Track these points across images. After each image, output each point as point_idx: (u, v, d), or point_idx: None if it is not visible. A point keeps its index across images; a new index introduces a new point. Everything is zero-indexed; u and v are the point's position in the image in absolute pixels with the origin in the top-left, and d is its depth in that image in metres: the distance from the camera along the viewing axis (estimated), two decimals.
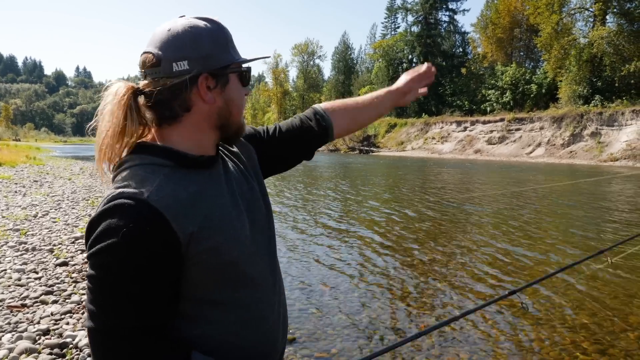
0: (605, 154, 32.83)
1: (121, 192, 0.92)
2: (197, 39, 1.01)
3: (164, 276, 0.93)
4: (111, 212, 0.90)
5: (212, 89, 1.03)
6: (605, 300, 4.66)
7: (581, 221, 9.29)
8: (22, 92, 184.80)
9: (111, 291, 0.90)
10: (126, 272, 0.89)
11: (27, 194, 11.09)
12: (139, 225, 0.89)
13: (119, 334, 0.90)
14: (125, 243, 0.88)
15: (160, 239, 0.91)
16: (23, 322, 3.67)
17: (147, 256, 0.90)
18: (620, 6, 39.68)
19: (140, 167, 0.99)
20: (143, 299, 0.91)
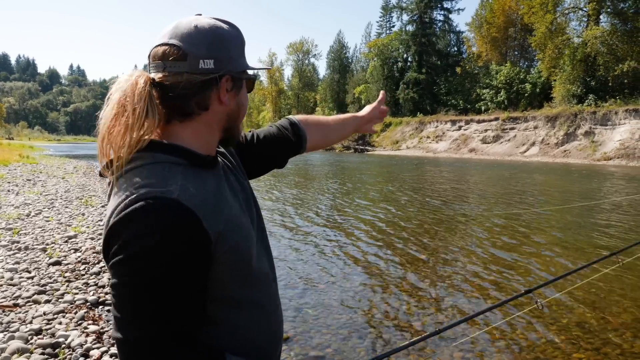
0: (599, 153, 33.02)
1: (148, 191, 0.87)
2: (224, 41, 1.01)
3: (198, 278, 0.91)
4: (141, 214, 0.85)
5: (229, 91, 1.03)
6: (619, 301, 4.67)
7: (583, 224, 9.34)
8: (15, 90, 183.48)
9: (149, 297, 0.85)
10: (164, 276, 0.85)
11: (20, 193, 11.02)
12: (175, 226, 0.86)
13: (158, 342, 0.86)
14: (162, 245, 0.84)
15: (195, 239, 0.88)
16: (15, 321, 3.64)
17: (185, 258, 0.87)
18: (614, 6, 39.93)
19: (157, 165, 0.94)
20: (181, 303, 0.87)
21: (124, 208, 0.86)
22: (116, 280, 0.86)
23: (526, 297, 1.77)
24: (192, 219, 0.88)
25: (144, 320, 0.85)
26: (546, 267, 5.95)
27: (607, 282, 5.15)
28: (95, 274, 4.96)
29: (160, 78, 0.97)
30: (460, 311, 4.42)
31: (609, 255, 1.83)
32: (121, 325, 0.86)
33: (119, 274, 0.86)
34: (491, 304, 4.53)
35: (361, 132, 1.69)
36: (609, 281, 5.18)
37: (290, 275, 5.57)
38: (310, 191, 14.63)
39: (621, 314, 4.31)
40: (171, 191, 0.88)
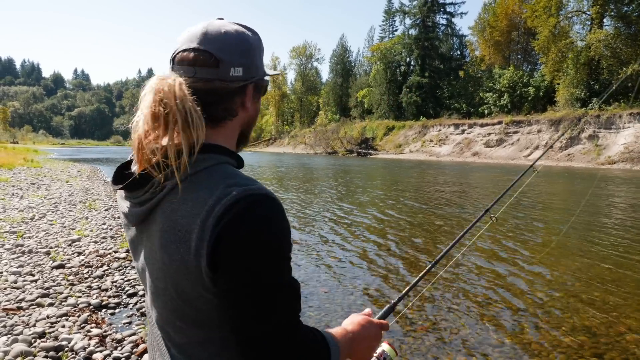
0: (603, 156, 32.90)
1: (246, 188, 0.88)
2: (252, 49, 1.02)
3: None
4: (258, 207, 0.86)
5: (252, 98, 1.05)
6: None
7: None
8: (20, 94, 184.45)
9: (282, 286, 0.89)
10: (288, 265, 0.91)
11: (24, 197, 11.06)
12: (284, 215, 0.91)
13: (296, 324, 0.92)
14: (287, 231, 0.90)
15: (290, 236, 0.94)
16: (19, 324, 3.65)
17: (290, 254, 0.93)
18: (617, 9, 39.89)
19: (226, 167, 0.96)
20: (297, 289, 0.93)
21: (232, 205, 0.85)
22: (242, 279, 0.85)
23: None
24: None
25: (282, 308, 0.89)
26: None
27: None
28: (98, 277, 4.97)
29: (189, 83, 0.95)
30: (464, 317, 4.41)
31: (483, 214, 2.06)
32: (249, 322, 0.86)
33: (250, 268, 0.85)
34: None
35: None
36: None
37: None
38: (312, 195, 14.62)
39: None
40: (261, 187, 0.91)
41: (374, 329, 1.18)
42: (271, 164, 32.68)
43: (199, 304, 0.91)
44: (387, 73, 64.37)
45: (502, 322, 4.23)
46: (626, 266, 6.10)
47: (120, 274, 5.13)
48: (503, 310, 4.53)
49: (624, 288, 5.20)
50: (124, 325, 3.86)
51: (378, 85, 65.12)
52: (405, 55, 65.75)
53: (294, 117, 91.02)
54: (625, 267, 6.07)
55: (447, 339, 3.87)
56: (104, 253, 5.94)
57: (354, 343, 1.10)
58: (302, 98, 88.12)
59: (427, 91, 59.75)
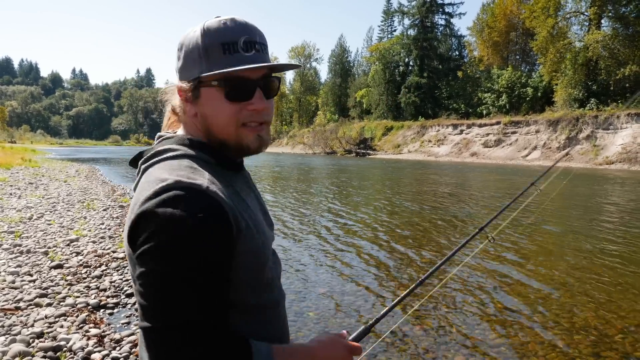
0: (601, 157, 32.97)
1: (179, 180, 0.89)
2: (180, 49, 1.03)
3: (224, 270, 0.90)
4: (173, 202, 0.86)
5: (190, 101, 1.03)
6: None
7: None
8: (17, 94, 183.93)
9: (181, 285, 0.85)
10: (195, 263, 0.85)
11: (22, 196, 11.04)
12: (206, 216, 0.87)
13: (189, 330, 0.85)
14: (194, 234, 0.85)
15: (222, 231, 0.89)
16: (17, 325, 3.64)
17: (213, 248, 0.87)
18: (615, 10, 39.97)
19: (186, 158, 0.99)
20: (210, 291, 0.87)
21: (154, 196, 0.87)
22: (145, 268, 0.86)
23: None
24: (221, 210, 0.89)
25: (175, 308, 0.85)
26: None
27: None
28: (96, 277, 4.97)
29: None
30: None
31: (479, 231, 1.82)
32: (151, 313, 0.86)
33: (149, 261, 0.85)
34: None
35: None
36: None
37: (290, 279, 5.57)
38: (311, 195, 14.62)
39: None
40: (200, 183, 0.90)
41: (341, 351, 1.06)
42: (268, 164, 32.66)
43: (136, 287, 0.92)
44: (386, 73, 64.38)
45: (498, 324, 4.24)
46: (625, 266, 6.12)
47: (118, 274, 5.13)
48: (500, 312, 4.54)
49: (622, 288, 5.22)
50: (123, 326, 3.86)
51: (377, 85, 65.13)
52: (404, 55, 65.76)
53: (292, 117, 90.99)
54: (625, 267, 6.09)
55: (437, 350, 3.87)
56: (102, 253, 5.94)
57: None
58: (300, 98, 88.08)
59: (426, 91, 59.77)
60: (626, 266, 6.12)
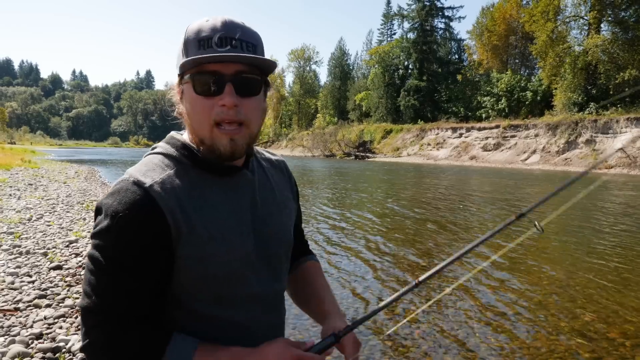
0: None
1: (129, 175, 0.97)
2: (183, 44, 1.03)
3: (150, 265, 0.94)
4: (113, 195, 0.95)
5: (180, 99, 1.04)
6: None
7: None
8: (18, 95, 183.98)
9: (99, 273, 0.92)
10: (115, 255, 0.92)
11: (22, 197, 11.03)
12: (134, 211, 0.91)
13: (101, 316, 0.92)
14: (118, 227, 0.91)
15: (152, 229, 0.92)
16: (16, 326, 3.64)
17: (138, 242, 0.92)
18: (614, 14, 40.09)
19: (158, 156, 1.04)
20: (126, 281, 0.92)
21: (112, 187, 0.99)
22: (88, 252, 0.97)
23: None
24: (153, 209, 0.92)
25: (94, 293, 0.92)
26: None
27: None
28: None
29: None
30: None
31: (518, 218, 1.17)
32: (82, 292, 0.96)
33: (90, 246, 0.97)
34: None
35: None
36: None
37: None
38: (310, 197, 14.62)
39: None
40: (147, 180, 0.95)
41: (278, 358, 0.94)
42: None
43: None
44: (385, 76, 64.49)
45: (497, 326, 4.24)
46: (626, 270, 6.12)
47: None
48: (498, 315, 4.54)
49: (622, 292, 5.22)
50: None
51: (376, 88, 65.21)
52: (404, 58, 65.87)
53: (291, 120, 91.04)
54: (625, 270, 6.09)
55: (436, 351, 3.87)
56: None
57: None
58: (300, 101, 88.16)
59: (425, 95, 59.87)
60: (629, 270, 6.12)
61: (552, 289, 5.39)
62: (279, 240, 1.15)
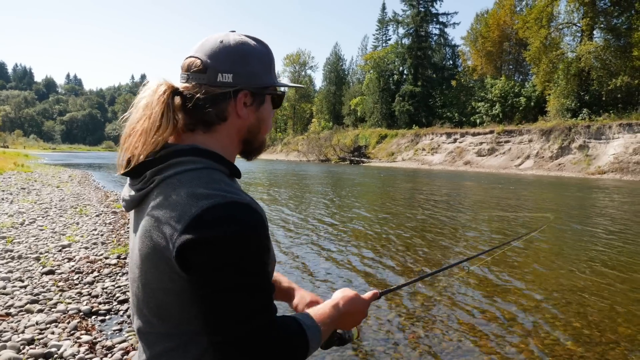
0: (593, 166, 33.24)
1: (225, 196, 0.93)
2: (246, 56, 1.05)
3: (271, 273, 1.05)
4: (231, 220, 0.90)
5: (248, 105, 1.07)
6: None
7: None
8: (11, 98, 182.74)
9: (254, 292, 0.92)
10: (261, 271, 0.94)
11: (14, 202, 10.96)
12: (261, 231, 0.94)
13: (269, 329, 0.94)
14: (257, 249, 0.93)
15: (269, 242, 0.98)
16: (7, 331, 3.61)
17: (267, 257, 0.97)
18: (607, 22, 40.52)
19: (211, 172, 1.01)
20: (270, 293, 0.97)
21: (208, 213, 0.89)
22: (215, 285, 0.89)
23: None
24: (266, 224, 0.97)
25: (251, 315, 0.91)
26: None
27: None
28: (88, 283, 4.93)
29: (183, 88, 1.04)
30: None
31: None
32: (227, 324, 0.90)
33: (218, 276, 0.89)
34: None
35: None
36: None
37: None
38: (305, 201, 14.61)
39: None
40: (244, 198, 0.96)
41: (361, 305, 1.26)
42: (263, 170, 32.64)
43: (160, 295, 0.97)
44: (380, 82, 64.75)
45: (492, 329, 4.25)
46: (621, 274, 6.15)
47: (110, 280, 5.09)
48: (494, 317, 4.55)
49: (617, 296, 5.24)
50: (115, 332, 3.83)
51: (371, 93, 65.45)
52: (399, 64, 66.22)
53: (287, 124, 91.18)
54: (620, 275, 6.12)
55: (435, 349, 3.87)
56: (94, 259, 5.90)
57: (341, 317, 1.18)
58: (295, 105, 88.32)
59: (420, 100, 60.14)
60: (626, 274, 6.15)
61: (547, 293, 5.40)
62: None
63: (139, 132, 1.00)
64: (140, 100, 1.04)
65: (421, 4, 63.93)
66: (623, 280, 5.96)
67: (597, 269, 6.50)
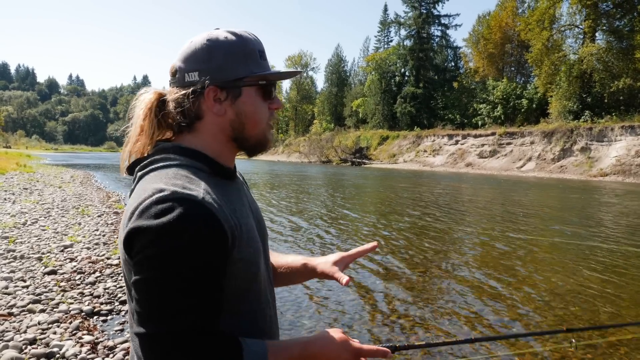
0: (595, 169, 33.17)
1: (175, 191, 0.92)
2: (211, 52, 1.04)
3: (218, 278, 0.94)
4: (170, 213, 0.89)
5: (223, 101, 1.06)
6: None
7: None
8: (14, 99, 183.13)
9: (176, 292, 0.88)
10: (191, 271, 0.89)
11: (17, 202, 10.99)
12: (201, 226, 0.90)
13: (184, 335, 0.88)
14: (189, 244, 0.88)
15: (216, 241, 0.92)
16: (9, 330, 3.62)
17: (209, 255, 0.91)
18: (609, 24, 40.44)
19: (182, 168, 1.01)
20: (204, 297, 0.90)
21: (152, 205, 0.90)
22: (142, 276, 0.89)
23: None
24: (216, 221, 0.92)
25: (171, 314, 0.88)
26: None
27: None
28: (90, 283, 4.95)
29: (167, 93, 1.09)
30: (447, 333, 4.41)
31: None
32: (146, 319, 0.89)
33: (146, 268, 0.88)
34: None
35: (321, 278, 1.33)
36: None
37: (285, 287, 5.55)
38: (306, 202, 14.62)
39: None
40: (196, 193, 0.93)
41: (342, 352, 1.04)
42: (263, 171, 32.64)
43: (131, 290, 0.95)
44: (382, 83, 64.70)
45: (489, 330, 4.25)
46: (621, 277, 6.14)
47: (112, 280, 5.11)
48: (495, 320, 4.55)
49: (617, 298, 5.24)
50: (116, 333, 3.84)
51: (373, 95, 65.40)
52: (400, 65, 66.15)
53: (288, 126, 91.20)
54: (620, 278, 6.11)
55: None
56: (96, 259, 5.91)
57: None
58: (297, 107, 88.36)
59: (422, 102, 60.06)
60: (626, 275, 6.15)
61: (548, 295, 5.40)
62: (267, 234, 1.24)
63: (131, 137, 1.10)
64: (134, 109, 1.11)
65: (423, 6, 63.87)
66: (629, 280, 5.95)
67: (602, 269, 6.49)
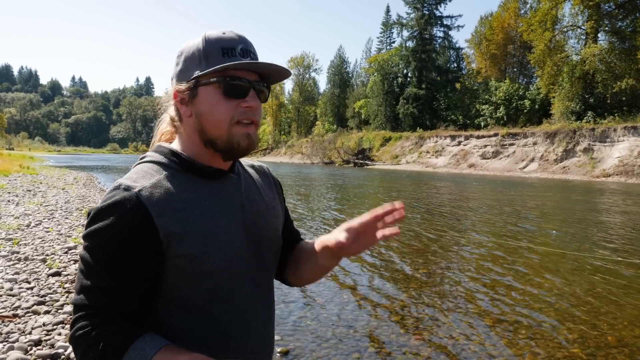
0: (598, 169, 33.10)
1: (119, 183, 1.02)
2: (179, 57, 1.10)
3: (136, 266, 0.99)
4: (104, 201, 1.00)
5: (186, 102, 1.09)
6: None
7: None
8: (16, 101, 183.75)
9: (87, 274, 0.98)
10: (102, 257, 0.97)
11: (20, 203, 11.03)
12: (123, 216, 0.97)
13: (84, 311, 0.97)
14: (106, 231, 0.97)
15: (140, 233, 0.98)
16: (14, 332, 3.64)
17: (124, 246, 0.97)
18: (611, 24, 40.40)
19: (147, 164, 1.09)
20: (113, 282, 0.97)
21: (106, 194, 1.03)
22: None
23: None
24: (142, 214, 0.98)
25: (81, 291, 0.98)
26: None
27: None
28: None
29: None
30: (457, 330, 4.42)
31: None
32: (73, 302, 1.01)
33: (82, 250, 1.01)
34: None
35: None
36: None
37: (289, 288, 5.56)
38: (309, 204, 14.63)
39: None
40: (137, 186, 1.01)
41: None
42: None
43: None
44: (384, 84, 64.69)
45: (495, 334, 4.25)
46: (621, 279, 6.14)
47: None
48: (496, 323, 4.55)
49: (618, 300, 5.23)
50: None
51: (375, 96, 65.41)
52: (403, 67, 66.13)
53: (291, 127, 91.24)
54: (620, 279, 6.11)
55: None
56: None
57: None
58: (299, 108, 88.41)
59: (424, 103, 60.05)
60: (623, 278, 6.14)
61: (551, 297, 5.40)
62: (269, 239, 1.21)
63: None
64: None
65: (425, 7, 63.87)
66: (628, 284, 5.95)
67: (603, 271, 6.48)
